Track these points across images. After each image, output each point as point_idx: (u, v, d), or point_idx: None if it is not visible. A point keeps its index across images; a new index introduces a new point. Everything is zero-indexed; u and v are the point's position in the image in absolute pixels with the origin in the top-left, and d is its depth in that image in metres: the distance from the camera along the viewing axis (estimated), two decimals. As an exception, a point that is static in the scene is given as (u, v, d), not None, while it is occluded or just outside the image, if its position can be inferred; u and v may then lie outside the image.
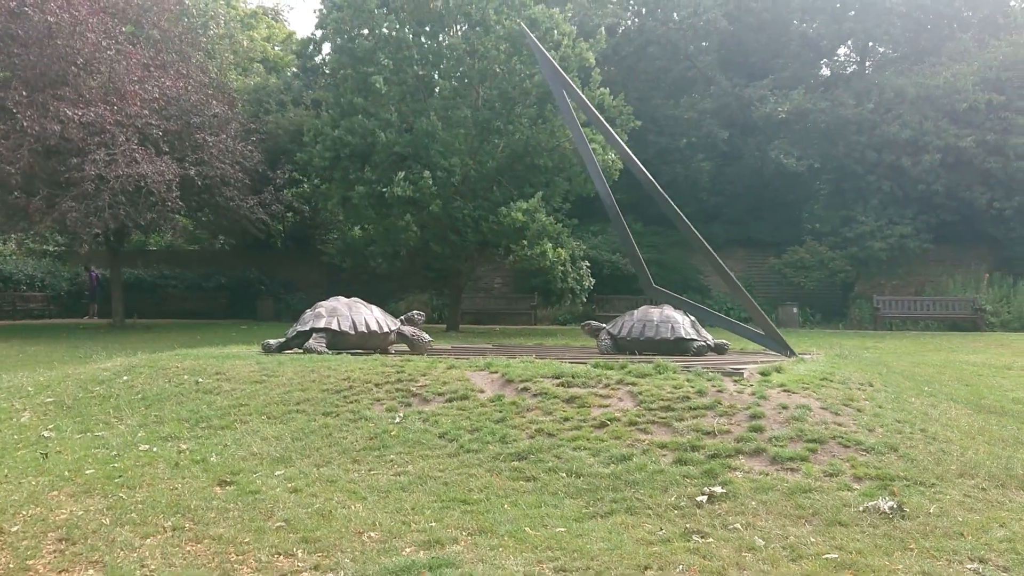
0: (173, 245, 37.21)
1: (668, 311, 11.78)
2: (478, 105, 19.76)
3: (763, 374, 8.18)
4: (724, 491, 5.61)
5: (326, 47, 21.46)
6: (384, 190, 17.80)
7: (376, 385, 8.37)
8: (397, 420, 7.48)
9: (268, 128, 25.39)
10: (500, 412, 7.38)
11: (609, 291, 27.01)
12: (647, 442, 6.56)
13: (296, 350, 10.70)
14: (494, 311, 27.50)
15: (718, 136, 26.40)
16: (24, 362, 13.78)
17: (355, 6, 18.63)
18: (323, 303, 11.13)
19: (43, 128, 18.27)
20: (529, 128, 18.84)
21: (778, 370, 8.58)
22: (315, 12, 20.50)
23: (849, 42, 28.74)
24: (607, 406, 7.33)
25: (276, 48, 40.82)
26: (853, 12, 27.24)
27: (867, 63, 29.30)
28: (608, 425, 6.92)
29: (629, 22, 26.78)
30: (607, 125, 12.83)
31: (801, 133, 25.92)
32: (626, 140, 21.25)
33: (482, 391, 8.01)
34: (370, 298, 29.32)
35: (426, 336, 11.23)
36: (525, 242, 17.89)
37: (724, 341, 11.96)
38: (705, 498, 5.55)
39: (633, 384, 7.69)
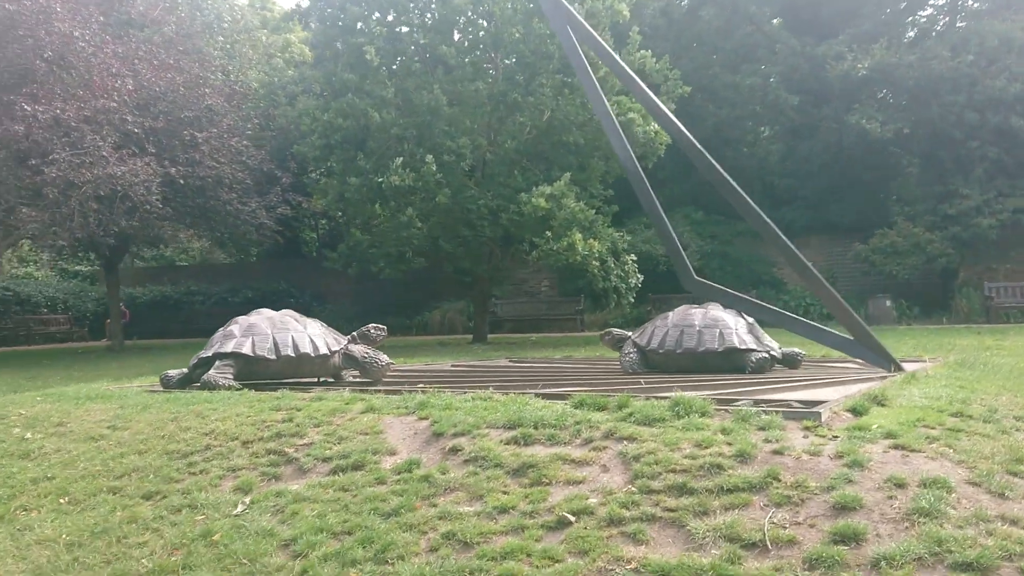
0: (207, 259, 35.49)
1: (715, 311, 8.58)
2: (497, 77, 16.78)
3: (854, 412, 4.95)
4: None
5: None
6: (380, 180, 15.00)
7: (244, 443, 5.47)
8: (238, 510, 4.56)
9: (279, 123, 22.91)
10: (401, 495, 4.38)
11: (668, 290, 23.57)
12: (635, 565, 3.47)
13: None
14: (536, 317, 24.44)
15: (787, 103, 22.72)
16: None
17: (342, -33, 15.95)
18: (240, 318, 8.33)
19: (5, 130, 16.12)
20: (553, 100, 15.77)
21: (880, 400, 5.34)
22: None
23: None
24: (580, 482, 4.25)
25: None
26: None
27: (959, 16, 25.14)
28: (572, 524, 3.85)
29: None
30: (640, 83, 9.64)
31: (885, 94, 22.10)
32: (674, 110, 18.00)
33: (393, 452, 5.02)
34: (401, 308, 26.64)
35: (383, 357, 8.30)
36: (549, 234, 14.82)
37: (796, 350, 8.67)
38: None
39: (630, 439, 4.58)
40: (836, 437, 4.39)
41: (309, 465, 4.98)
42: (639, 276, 17.53)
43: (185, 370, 8.11)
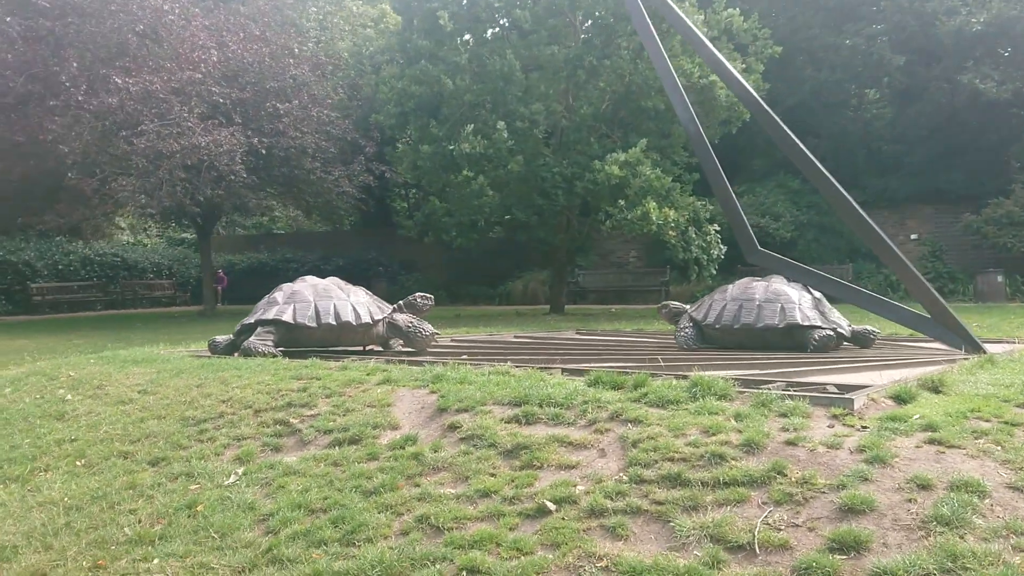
0: (303, 228, 36.39)
1: (777, 285, 8.01)
2: (577, 40, 16.24)
3: (898, 400, 4.43)
4: None
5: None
6: (451, 148, 14.81)
7: (256, 412, 5.40)
8: (230, 481, 4.47)
9: (364, 93, 23.07)
10: (388, 472, 4.19)
11: (758, 262, 22.60)
12: (606, 563, 3.15)
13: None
14: (621, 288, 23.91)
15: (892, 64, 21.20)
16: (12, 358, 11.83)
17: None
18: (285, 285, 8.32)
19: (101, 102, 16.77)
20: (631, 63, 15.16)
21: (935, 387, 4.78)
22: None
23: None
24: (572, 467, 3.94)
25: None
26: None
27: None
28: (551, 513, 3.55)
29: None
30: (710, 45, 8.98)
31: (1004, 51, 20.28)
32: (763, 71, 17.09)
33: (395, 427, 4.83)
34: (486, 278, 26.61)
35: (427, 327, 8.13)
36: (623, 202, 14.31)
37: (869, 327, 8.04)
38: None
39: (635, 422, 4.22)
40: (865, 428, 3.91)
41: (310, 437, 4.85)
42: (722, 247, 16.80)
43: (232, 336, 8.18)
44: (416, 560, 3.35)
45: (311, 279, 8.35)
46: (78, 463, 5.18)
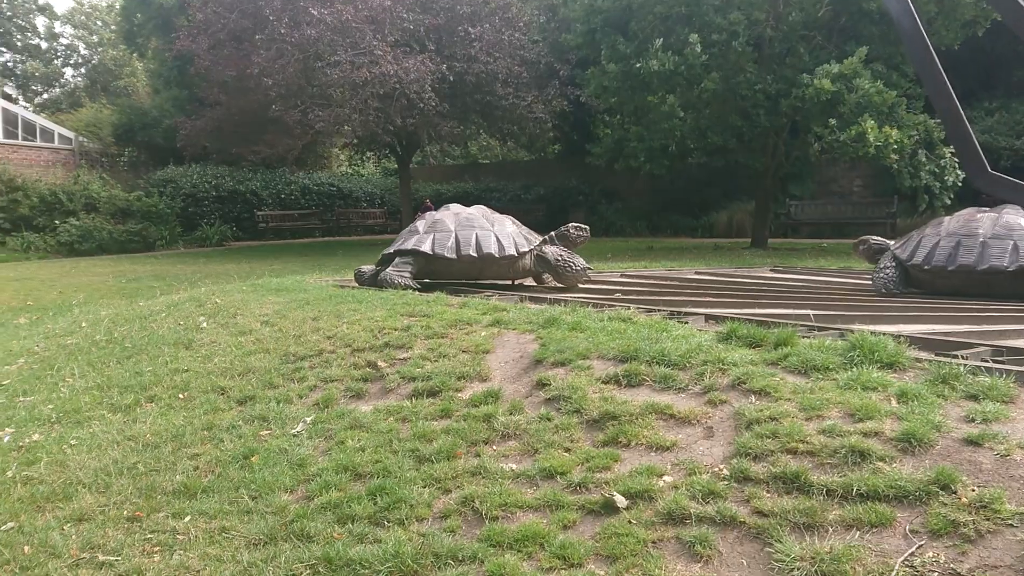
0: (508, 157, 36.43)
1: (1011, 217, 6.38)
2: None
3: None
4: None
5: None
6: (639, 66, 13.58)
7: (354, 351, 4.94)
8: (297, 429, 4.03)
9: (561, 15, 22.09)
10: (452, 435, 3.53)
11: (1009, 191, 19.35)
12: (668, 595, 2.30)
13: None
14: (839, 221, 21.52)
15: None
16: (203, 280, 12.40)
17: None
18: (429, 214, 7.88)
19: (302, 35, 17.19)
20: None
21: None
22: None
23: None
24: (665, 448, 3.06)
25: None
26: None
27: None
28: (619, 512, 2.72)
29: None
30: None
31: None
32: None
33: (484, 379, 4.15)
34: (690, 208, 25.11)
35: (579, 262, 7.35)
36: (833, 122, 12.45)
37: None
38: None
39: (760, 394, 3.23)
40: (1097, 425, 2.68)
41: (393, 384, 4.30)
42: (959, 173, 14.38)
43: (374, 266, 7.87)
44: (439, 557, 2.67)
45: (455, 207, 7.82)
46: (180, 396, 5.01)
